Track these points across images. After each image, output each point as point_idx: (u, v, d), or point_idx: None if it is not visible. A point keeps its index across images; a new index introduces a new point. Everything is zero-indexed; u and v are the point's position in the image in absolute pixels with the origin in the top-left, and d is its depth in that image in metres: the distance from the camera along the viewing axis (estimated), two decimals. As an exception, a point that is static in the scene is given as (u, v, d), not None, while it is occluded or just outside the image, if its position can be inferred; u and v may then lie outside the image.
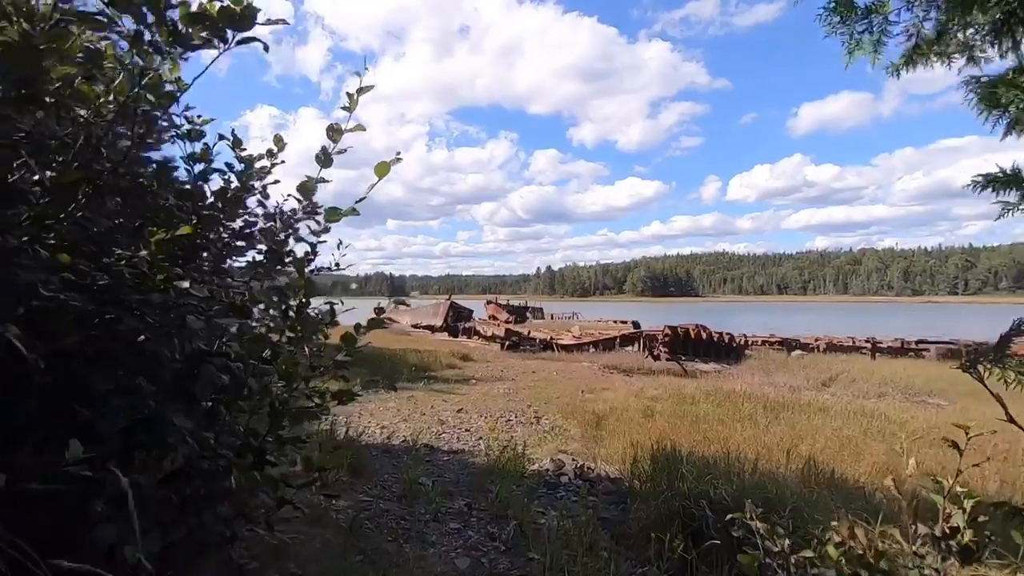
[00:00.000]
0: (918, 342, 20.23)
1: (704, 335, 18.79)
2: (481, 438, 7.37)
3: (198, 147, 2.05)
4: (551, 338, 24.44)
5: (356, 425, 8.04)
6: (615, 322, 34.82)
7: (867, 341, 20.95)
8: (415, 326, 38.69)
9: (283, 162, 2.28)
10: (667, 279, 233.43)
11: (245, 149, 2.15)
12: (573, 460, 6.43)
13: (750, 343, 21.16)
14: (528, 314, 41.45)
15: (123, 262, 1.51)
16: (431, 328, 34.99)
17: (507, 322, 33.10)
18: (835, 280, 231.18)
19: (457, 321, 34.18)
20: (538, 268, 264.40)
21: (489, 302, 43.25)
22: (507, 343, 25.34)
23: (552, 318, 41.44)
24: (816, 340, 21.64)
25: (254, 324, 1.98)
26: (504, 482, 4.82)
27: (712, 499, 3.83)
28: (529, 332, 25.80)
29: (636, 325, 32.71)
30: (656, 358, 18.39)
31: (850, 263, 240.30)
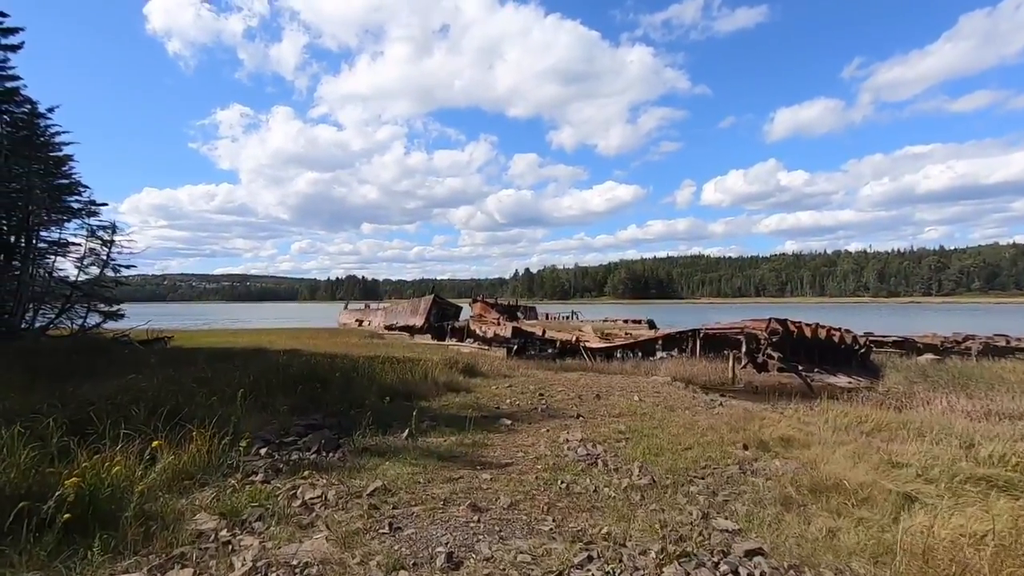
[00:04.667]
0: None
1: (822, 333, 12.68)
2: None
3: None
4: (577, 339, 18.01)
5: None
6: (625, 321, 28.86)
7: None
8: (389, 328, 31.85)
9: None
10: (647, 281, 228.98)
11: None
12: None
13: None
14: (520, 314, 34.95)
15: None
16: (410, 329, 28.27)
17: (497, 323, 26.50)
18: (811, 282, 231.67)
19: (442, 320, 27.54)
20: (516, 270, 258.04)
21: (476, 300, 36.34)
22: (515, 347, 18.82)
23: (547, 318, 35.17)
24: (962, 340, 15.63)
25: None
26: None
27: None
28: (544, 332, 19.32)
29: (652, 324, 26.80)
30: (761, 367, 12.18)
31: (825, 265, 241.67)
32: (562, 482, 4.51)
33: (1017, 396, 9.47)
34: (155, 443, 4.13)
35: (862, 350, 13.22)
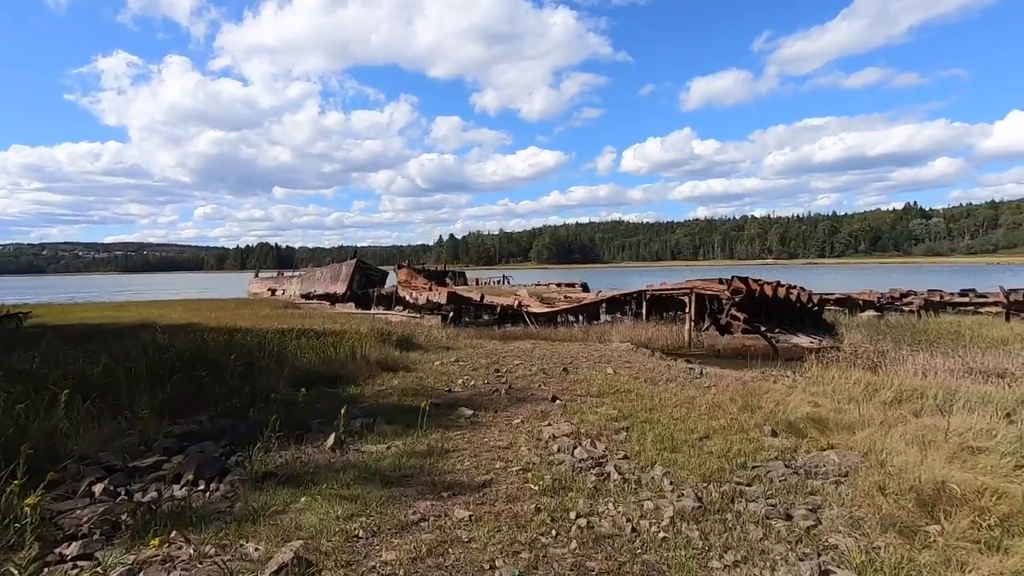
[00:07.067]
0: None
1: (782, 292, 12.01)
2: None
3: None
4: (519, 304, 16.61)
5: None
6: (558, 285, 28.09)
7: (980, 295, 15.22)
8: (307, 296, 28.98)
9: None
10: (571, 246, 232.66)
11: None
12: None
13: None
14: (448, 279, 33.28)
15: None
16: (330, 298, 25.72)
17: (428, 289, 24.73)
18: (722, 245, 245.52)
19: (367, 287, 25.24)
20: (440, 236, 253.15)
21: (401, 266, 34.13)
22: (450, 314, 17.15)
23: (478, 283, 33.85)
24: (899, 297, 15.71)
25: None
26: None
27: None
28: (483, 297, 17.75)
29: (585, 287, 26.24)
30: (724, 329, 11.36)
31: (734, 229, 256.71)
32: (576, 515, 3.02)
33: (986, 351, 9.15)
34: None
35: (816, 308, 12.79)
